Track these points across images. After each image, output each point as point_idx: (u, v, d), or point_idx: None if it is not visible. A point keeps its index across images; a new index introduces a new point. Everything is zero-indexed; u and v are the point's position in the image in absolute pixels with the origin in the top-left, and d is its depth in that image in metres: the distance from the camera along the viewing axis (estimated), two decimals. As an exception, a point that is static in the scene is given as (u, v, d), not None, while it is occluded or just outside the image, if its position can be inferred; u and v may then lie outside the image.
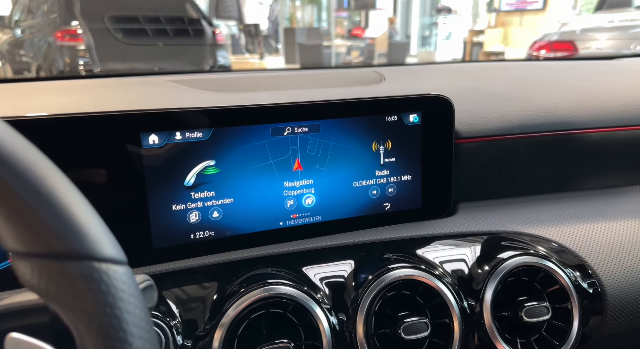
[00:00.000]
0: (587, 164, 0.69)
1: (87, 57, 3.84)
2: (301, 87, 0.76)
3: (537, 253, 0.54)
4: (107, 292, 0.23)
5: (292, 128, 0.52)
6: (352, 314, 0.48)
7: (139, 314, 0.24)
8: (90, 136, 0.46)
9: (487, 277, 0.52)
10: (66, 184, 0.25)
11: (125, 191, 0.47)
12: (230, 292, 0.47)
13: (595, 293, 0.55)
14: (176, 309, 0.47)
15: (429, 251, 0.55)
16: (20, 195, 0.22)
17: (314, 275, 0.51)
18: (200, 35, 4.20)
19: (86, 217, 0.24)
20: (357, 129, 0.55)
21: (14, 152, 0.23)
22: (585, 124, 0.67)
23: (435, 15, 11.26)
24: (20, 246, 0.23)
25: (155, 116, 0.47)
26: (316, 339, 0.46)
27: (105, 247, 0.24)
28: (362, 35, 9.98)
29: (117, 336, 0.23)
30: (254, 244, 0.53)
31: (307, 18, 10.56)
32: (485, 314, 0.51)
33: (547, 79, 0.83)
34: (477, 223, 0.60)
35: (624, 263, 0.57)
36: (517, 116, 0.65)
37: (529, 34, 7.53)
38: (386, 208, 0.58)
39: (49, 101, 0.59)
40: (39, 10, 4.29)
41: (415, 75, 0.89)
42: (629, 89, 0.75)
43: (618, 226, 0.62)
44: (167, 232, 0.49)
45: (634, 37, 3.67)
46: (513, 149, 0.64)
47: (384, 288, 0.49)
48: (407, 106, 0.57)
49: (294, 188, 0.54)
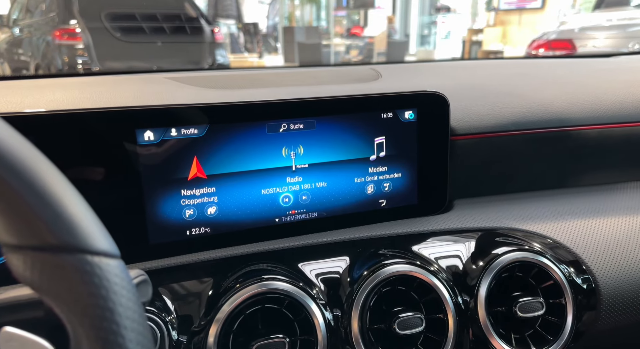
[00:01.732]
0: (583, 160, 0.69)
1: (85, 56, 3.83)
2: (297, 85, 0.76)
3: (531, 249, 0.54)
4: (99, 285, 0.23)
5: (287, 125, 0.52)
6: (347, 310, 0.49)
7: (131, 307, 0.24)
8: (85, 132, 0.46)
9: (482, 272, 0.52)
10: (59, 178, 0.25)
11: (121, 187, 0.48)
12: (225, 287, 0.48)
13: (589, 289, 0.55)
14: (171, 304, 0.47)
15: (424, 247, 0.56)
16: (13, 188, 0.22)
17: (310, 271, 0.51)
18: (198, 34, 4.19)
19: (79, 210, 0.24)
20: (352, 125, 0.55)
21: (8, 147, 0.23)
22: (581, 121, 0.67)
23: (434, 14, 11.26)
24: (13, 239, 0.23)
25: (150, 113, 0.47)
26: (311, 335, 0.47)
27: (98, 241, 0.24)
28: (361, 34, 9.97)
29: (110, 328, 0.23)
30: (249, 240, 0.53)
31: (306, 17, 10.55)
32: (479, 310, 0.51)
33: (543, 76, 0.83)
34: (472, 219, 0.60)
35: (618, 259, 0.57)
36: (513, 112, 0.65)
37: (528, 32, 7.53)
38: (382, 205, 0.59)
39: (45, 98, 0.59)
40: (37, 9, 4.28)
41: (412, 72, 0.89)
42: (625, 86, 0.75)
43: (612, 222, 0.62)
44: (163, 228, 0.50)
45: (632, 35, 3.67)
46: (508, 146, 0.65)
47: (379, 283, 0.49)
48: (403, 103, 0.57)
49: (289, 184, 0.54)
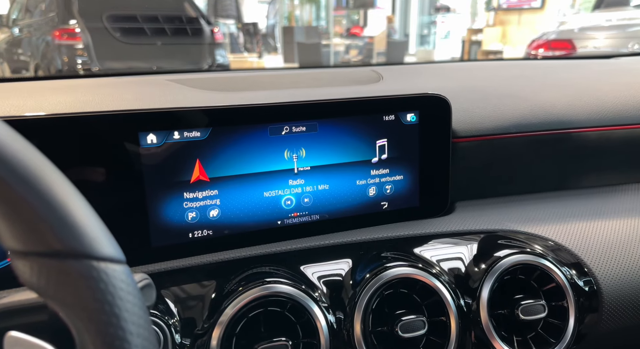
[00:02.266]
0: (584, 162, 0.69)
1: (85, 56, 3.83)
2: (299, 87, 0.76)
3: (533, 251, 0.54)
4: (105, 290, 0.24)
5: (290, 127, 0.52)
6: (350, 313, 0.49)
7: (137, 312, 0.25)
8: (88, 136, 0.46)
9: (484, 275, 0.52)
10: (65, 184, 0.25)
11: (123, 190, 0.48)
12: (228, 290, 0.48)
13: (591, 291, 0.55)
14: (175, 307, 0.47)
15: (426, 250, 0.56)
16: (19, 194, 0.23)
17: (312, 274, 0.52)
18: (198, 34, 4.19)
19: (85, 216, 0.25)
20: (354, 128, 0.55)
21: (13, 152, 0.23)
22: (582, 123, 0.67)
23: (433, 13, 11.26)
24: (19, 245, 0.23)
25: (153, 116, 0.47)
26: (314, 338, 0.47)
27: (104, 247, 0.24)
28: (360, 34, 9.96)
29: (116, 334, 0.23)
30: (252, 242, 0.53)
31: (306, 17, 10.55)
32: (481, 312, 0.51)
33: (544, 78, 0.84)
34: (474, 222, 0.60)
35: (619, 261, 0.57)
36: (514, 115, 0.65)
37: (528, 32, 7.53)
38: (384, 207, 0.59)
39: (47, 101, 0.59)
40: (37, 9, 4.28)
41: (413, 74, 0.89)
42: (626, 88, 0.75)
43: (614, 224, 0.62)
44: (166, 231, 0.50)
45: (632, 35, 3.68)
46: (509, 148, 0.65)
47: (382, 286, 0.49)
48: (405, 105, 0.57)
49: (292, 187, 0.54)
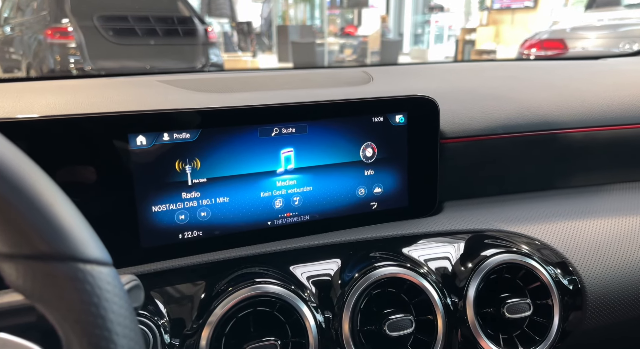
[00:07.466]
0: (570, 163, 0.70)
1: (77, 55, 3.80)
2: (289, 88, 0.76)
3: (519, 251, 0.55)
4: (91, 292, 0.24)
5: (279, 129, 0.53)
6: (338, 312, 0.49)
7: (123, 313, 0.25)
8: (78, 137, 0.46)
9: (471, 274, 0.53)
10: (51, 186, 0.25)
11: (113, 192, 0.48)
12: (217, 291, 0.48)
13: (576, 289, 0.56)
14: (164, 308, 0.47)
15: (414, 249, 0.56)
16: (4, 197, 0.23)
17: (301, 274, 0.52)
18: (191, 34, 4.18)
19: (71, 218, 0.25)
20: (344, 129, 0.56)
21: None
22: (568, 124, 0.68)
23: (427, 13, 11.29)
24: (5, 248, 0.23)
25: (142, 117, 0.48)
26: (302, 337, 0.47)
27: (90, 249, 0.25)
28: (354, 33, 9.98)
29: (102, 335, 0.24)
30: (242, 243, 0.54)
31: (300, 16, 10.53)
32: (468, 311, 0.52)
33: (532, 79, 0.85)
34: (462, 221, 0.61)
35: (604, 260, 0.58)
36: (501, 116, 0.66)
37: (521, 31, 7.58)
38: (373, 207, 0.59)
39: (38, 102, 0.59)
40: (28, 8, 4.24)
41: (403, 75, 0.90)
42: (613, 89, 0.76)
43: (599, 224, 0.63)
44: (156, 232, 0.50)
45: (623, 35, 3.71)
46: (497, 149, 0.66)
47: (370, 285, 0.50)
48: (393, 107, 0.58)
49: (282, 188, 0.54)
